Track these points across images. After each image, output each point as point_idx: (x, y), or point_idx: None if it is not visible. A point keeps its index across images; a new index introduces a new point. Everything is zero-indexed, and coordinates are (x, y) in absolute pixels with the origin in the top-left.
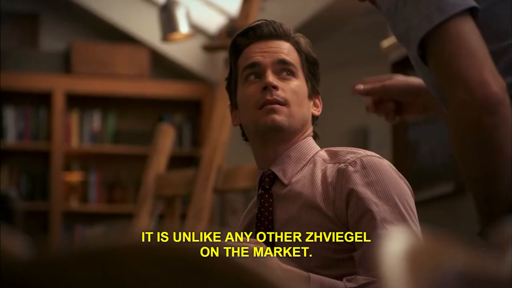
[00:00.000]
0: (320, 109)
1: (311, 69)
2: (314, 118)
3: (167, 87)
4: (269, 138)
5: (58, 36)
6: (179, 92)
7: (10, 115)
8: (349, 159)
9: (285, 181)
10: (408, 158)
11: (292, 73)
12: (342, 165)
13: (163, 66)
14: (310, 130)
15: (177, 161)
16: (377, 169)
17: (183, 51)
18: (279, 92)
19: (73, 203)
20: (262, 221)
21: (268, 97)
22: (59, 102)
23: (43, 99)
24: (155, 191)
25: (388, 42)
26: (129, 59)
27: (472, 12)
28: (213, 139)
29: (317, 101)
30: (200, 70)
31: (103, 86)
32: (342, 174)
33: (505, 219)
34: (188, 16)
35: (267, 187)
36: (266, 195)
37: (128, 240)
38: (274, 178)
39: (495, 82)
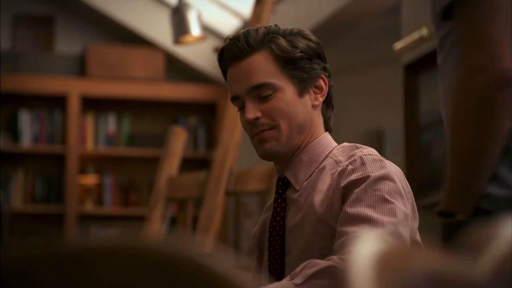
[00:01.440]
0: (324, 91)
1: (292, 66)
2: (323, 106)
3: (181, 89)
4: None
5: (73, 39)
6: (194, 94)
7: (26, 118)
8: (350, 158)
9: (297, 187)
10: (421, 160)
11: (271, 90)
12: (343, 165)
13: (177, 68)
14: (319, 124)
15: (192, 164)
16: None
17: (198, 53)
18: (262, 120)
19: (88, 206)
20: (274, 226)
21: (254, 130)
22: (74, 105)
23: (58, 102)
24: (167, 193)
25: (401, 44)
26: (144, 62)
27: None
28: (224, 141)
29: (318, 84)
30: (215, 72)
31: (118, 89)
32: (341, 175)
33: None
34: (199, 19)
35: (280, 191)
36: (279, 200)
37: (97, 242)
38: (288, 183)
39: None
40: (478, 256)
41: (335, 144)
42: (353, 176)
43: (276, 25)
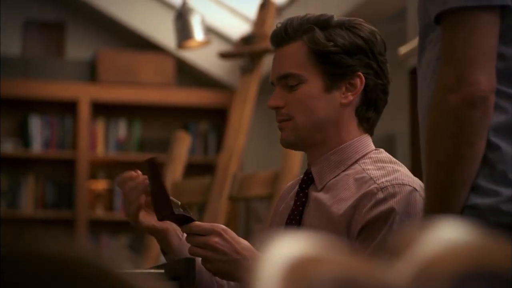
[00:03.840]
0: (357, 90)
1: (327, 60)
2: (361, 106)
3: (192, 95)
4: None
5: (84, 45)
6: (204, 100)
7: (36, 124)
8: (382, 183)
9: (319, 186)
10: None
11: (297, 81)
12: (374, 187)
13: (188, 74)
14: (348, 124)
15: (202, 169)
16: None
17: (208, 59)
18: (283, 110)
19: (99, 212)
20: (291, 219)
21: (276, 118)
22: (84, 110)
23: (69, 107)
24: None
25: (406, 48)
26: (154, 67)
27: (503, 8)
28: (228, 146)
29: (353, 81)
30: (225, 77)
31: (128, 95)
32: (368, 198)
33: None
34: (203, 23)
35: (304, 186)
36: (301, 194)
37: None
38: (312, 178)
39: (485, 82)
40: (398, 260)
41: (370, 149)
42: (379, 209)
43: (328, 15)
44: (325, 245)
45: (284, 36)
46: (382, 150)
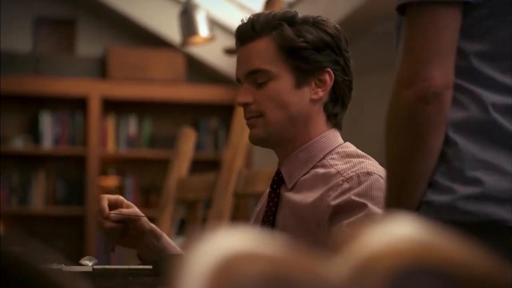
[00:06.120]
0: (327, 86)
1: (297, 55)
2: (330, 102)
3: (202, 91)
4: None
5: (95, 42)
6: (215, 96)
7: (47, 120)
8: (348, 174)
9: (289, 185)
10: None
11: (266, 77)
12: (340, 179)
13: (198, 70)
14: (320, 119)
15: (212, 166)
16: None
17: (218, 55)
18: (252, 107)
19: None
20: (265, 220)
21: (244, 115)
22: (95, 107)
23: (79, 104)
24: (176, 195)
25: None
26: (165, 64)
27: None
28: (233, 143)
29: (322, 77)
30: (235, 73)
31: (139, 91)
32: (335, 189)
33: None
34: (208, 19)
35: (275, 186)
36: (273, 195)
37: None
38: (283, 178)
39: (440, 78)
40: (338, 256)
41: (337, 143)
42: (345, 198)
43: (293, 11)
44: (258, 240)
45: (251, 32)
46: (349, 144)
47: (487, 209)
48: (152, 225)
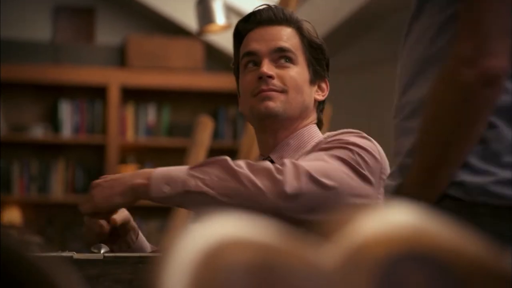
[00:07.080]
0: (325, 93)
1: (314, 54)
2: (320, 103)
3: (221, 80)
4: (267, 125)
5: (114, 30)
6: (234, 85)
7: (66, 109)
8: (333, 133)
9: None
10: None
11: (290, 60)
12: (326, 135)
13: (218, 59)
14: (313, 116)
15: (231, 155)
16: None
17: None
18: (275, 81)
19: None
20: None
21: (263, 87)
22: (114, 95)
23: (99, 92)
24: None
25: None
26: (184, 52)
27: None
28: (250, 131)
29: (323, 85)
30: None
31: (158, 80)
32: (322, 141)
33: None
34: (224, 7)
35: None
36: None
37: None
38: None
39: (502, 60)
40: (330, 242)
41: (322, 136)
42: (332, 139)
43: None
44: (248, 227)
45: (282, 16)
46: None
47: None
48: (134, 222)
